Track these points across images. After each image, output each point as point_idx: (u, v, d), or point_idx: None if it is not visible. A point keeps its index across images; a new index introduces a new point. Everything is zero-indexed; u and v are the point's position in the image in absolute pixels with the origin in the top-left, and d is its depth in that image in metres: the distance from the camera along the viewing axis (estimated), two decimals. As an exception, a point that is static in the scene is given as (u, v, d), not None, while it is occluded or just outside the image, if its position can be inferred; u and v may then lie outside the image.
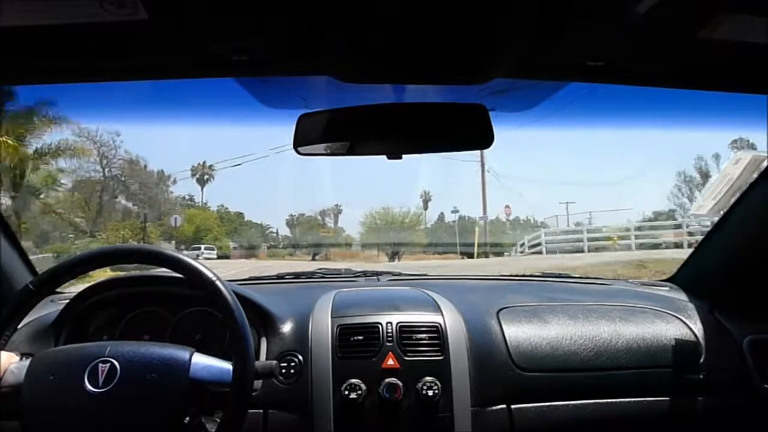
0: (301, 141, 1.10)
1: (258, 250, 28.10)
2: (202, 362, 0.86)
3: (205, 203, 34.40)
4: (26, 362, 0.89)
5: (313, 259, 24.72)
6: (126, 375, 0.82)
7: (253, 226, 32.61)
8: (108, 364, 0.83)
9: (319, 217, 33.28)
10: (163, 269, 1.03)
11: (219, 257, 22.26)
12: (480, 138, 1.07)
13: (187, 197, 33.58)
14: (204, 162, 36.16)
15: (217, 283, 0.95)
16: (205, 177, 36.40)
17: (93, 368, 0.83)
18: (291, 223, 32.76)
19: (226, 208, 33.10)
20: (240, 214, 32.83)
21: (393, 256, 24.51)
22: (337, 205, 33.38)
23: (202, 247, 23.36)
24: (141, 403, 0.82)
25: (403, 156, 1.09)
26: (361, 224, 31.43)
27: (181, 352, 0.87)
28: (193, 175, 36.02)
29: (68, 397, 0.82)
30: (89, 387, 0.82)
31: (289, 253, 28.66)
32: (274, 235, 33.45)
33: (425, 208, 32.72)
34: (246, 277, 1.82)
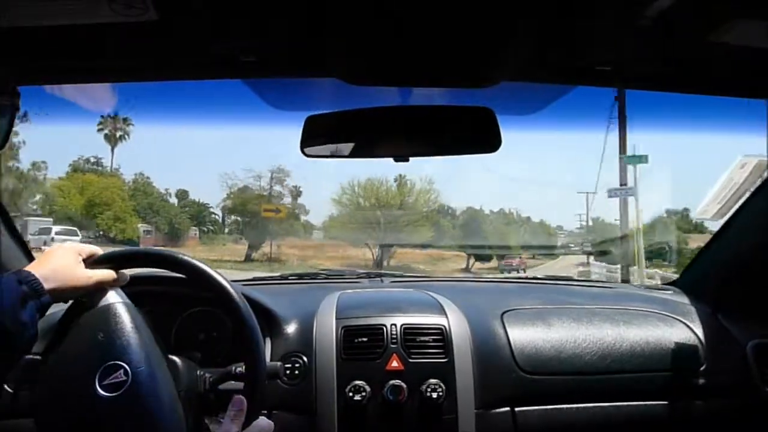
0: (307, 142, 1.10)
1: (184, 237, 21.04)
2: None
3: (117, 169, 23.93)
4: (118, 298, 0.90)
5: (247, 259, 18.51)
6: (123, 399, 0.81)
7: (188, 204, 23.31)
8: (124, 379, 0.81)
9: (265, 187, 21.96)
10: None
11: (120, 242, 16.63)
12: (487, 141, 1.07)
13: (92, 159, 23.64)
14: (115, 114, 23.27)
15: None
16: (118, 134, 23.61)
17: (111, 367, 0.83)
18: (227, 199, 22.38)
19: (147, 178, 23.21)
20: (184, 192, 23.21)
21: (381, 258, 18.28)
22: (297, 187, 22.58)
23: (55, 229, 15.82)
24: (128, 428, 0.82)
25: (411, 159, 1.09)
26: (333, 203, 21.57)
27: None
28: (100, 130, 23.59)
29: (79, 387, 0.82)
30: (97, 378, 0.82)
31: (235, 240, 21.63)
32: (216, 217, 23.71)
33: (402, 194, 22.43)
34: (250, 277, 1.82)
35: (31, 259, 1.44)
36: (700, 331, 1.34)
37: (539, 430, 1.21)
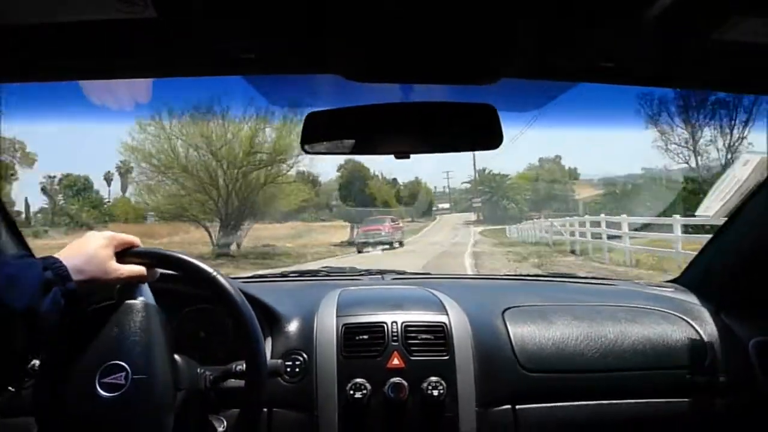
0: (308, 139, 1.09)
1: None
2: None
3: None
4: (141, 297, 0.90)
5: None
6: (118, 402, 0.81)
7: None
8: (123, 383, 0.81)
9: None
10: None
11: None
12: (489, 138, 1.06)
13: None
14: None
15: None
16: None
17: (113, 366, 0.82)
18: None
19: None
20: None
21: (224, 242, 11.73)
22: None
23: None
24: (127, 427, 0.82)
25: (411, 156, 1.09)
26: (128, 152, 13.07)
27: None
28: None
29: (81, 381, 0.82)
30: (97, 381, 0.82)
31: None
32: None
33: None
34: (250, 275, 1.82)
35: (28, 250, 1.43)
36: (702, 329, 1.33)
37: (540, 428, 1.21)
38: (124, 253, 0.90)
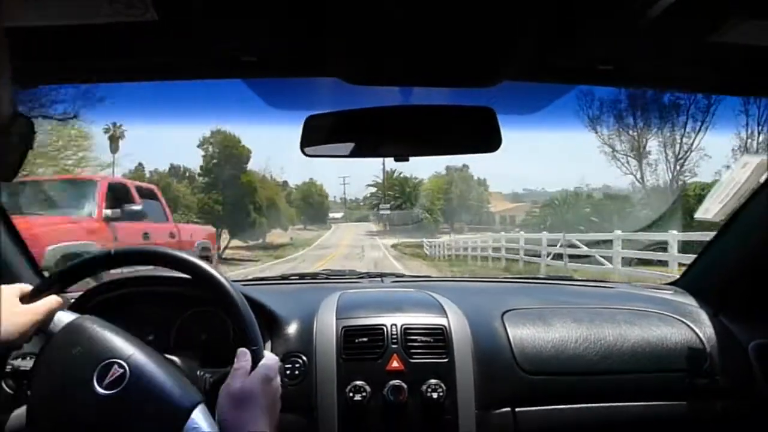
0: (308, 142, 1.10)
1: None
2: (200, 426, 0.83)
3: None
4: (71, 316, 0.88)
5: None
6: (129, 390, 0.81)
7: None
8: (121, 372, 0.82)
9: None
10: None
11: None
12: (487, 141, 1.07)
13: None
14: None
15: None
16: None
17: (107, 366, 0.82)
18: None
19: None
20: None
21: None
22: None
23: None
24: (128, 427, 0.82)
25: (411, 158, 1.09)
26: None
27: (185, 400, 0.83)
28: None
29: (75, 385, 0.82)
30: (95, 382, 0.82)
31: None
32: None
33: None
34: (250, 278, 1.83)
35: (36, 270, 1.43)
36: (701, 332, 1.33)
37: (540, 431, 1.21)
38: (24, 297, 0.89)
